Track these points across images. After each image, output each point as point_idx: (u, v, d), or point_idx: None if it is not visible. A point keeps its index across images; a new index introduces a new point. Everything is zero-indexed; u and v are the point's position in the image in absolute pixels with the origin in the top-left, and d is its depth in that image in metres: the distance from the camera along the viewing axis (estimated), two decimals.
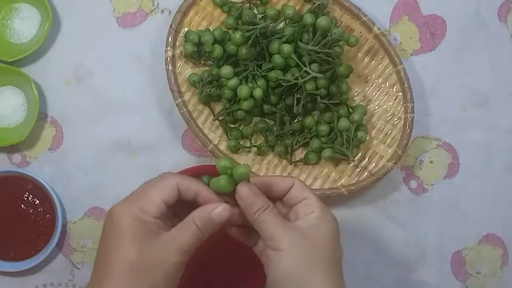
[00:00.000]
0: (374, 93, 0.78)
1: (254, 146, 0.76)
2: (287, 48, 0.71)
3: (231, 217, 0.56)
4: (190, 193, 0.57)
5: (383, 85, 0.78)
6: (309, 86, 0.72)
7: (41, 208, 0.77)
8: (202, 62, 0.77)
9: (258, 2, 0.77)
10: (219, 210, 0.55)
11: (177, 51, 0.76)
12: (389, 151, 0.76)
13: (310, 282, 0.54)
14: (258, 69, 0.73)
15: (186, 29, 0.76)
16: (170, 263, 0.53)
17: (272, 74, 0.72)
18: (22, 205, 0.77)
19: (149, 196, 0.55)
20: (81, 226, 0.79)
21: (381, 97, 0.78)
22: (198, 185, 0.57)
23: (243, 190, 0.56)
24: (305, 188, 0.59)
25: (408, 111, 0.76)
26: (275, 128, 0.76)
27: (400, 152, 0.75)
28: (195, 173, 0.74)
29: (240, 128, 0.76)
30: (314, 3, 0.74)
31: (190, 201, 0.57)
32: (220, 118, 0.76)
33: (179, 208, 0.57)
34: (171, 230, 0.55)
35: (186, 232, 0.55)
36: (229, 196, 0.58)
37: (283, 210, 0.60)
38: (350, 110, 0.76)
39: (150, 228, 0.54)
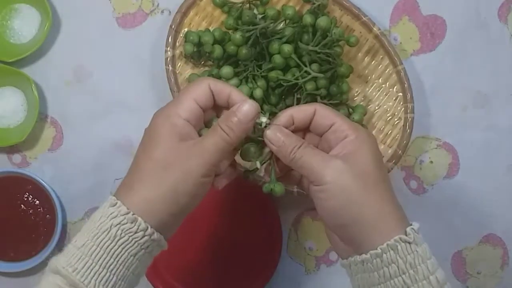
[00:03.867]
0: (374, 93, 0.78)
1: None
2: (287, 48, 0.71)
3: (256, 113, 0.53)
4: (222, 95, 0.54)
5: (383, 85, 0.78)
6: (309, 86, 0.71)
7: (41, 209, 0.77)
8: (202, 63, 0.77)
9: (258, 2, 0.77)
10: (244, 107, 0.53)
11: (177, 52, 0.76)
12: (389, 151, 0.76)
13: (363, 212, 0.51)
14: (258, 69, 0.73)
15: (186, 29, 0.76)
16: (192, 164, 0.52)
17: (272, 74, 0.72)
18: (22, 206, 0.77)
19: (181, 98, 0.54)
20: (81, 226, 0.77)
21: (381, 97, 0.78)
22: (231, 87, 0.55)
23: (271, 134, 0.54)
24: (329, 113, 0.55)
25: (408, 111, 0.76)
26: None
27: (400, 152, 0.75)
28: None
29: None
30: (314, 3, 0.74)
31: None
32: None
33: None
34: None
35: (211, 135, 0.53)
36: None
37: (315, 141, 0.57)
38: (350, 110, 0.76)
39: (178, 130, 0.53)
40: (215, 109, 0.57)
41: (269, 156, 0.58)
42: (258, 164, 0.57)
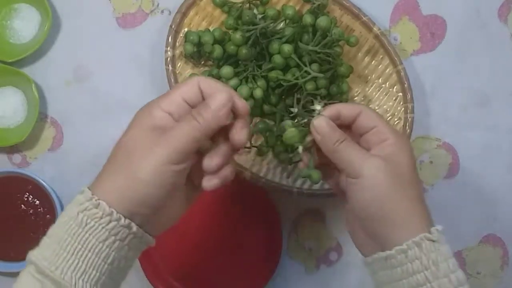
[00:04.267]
0: (374, 93, 0.78)
1: (254, 146, 0.76)
2: (287, 48, 0.71)
3: (228, 102, 0.52)
4: (211, 91, 0.53)
5: (383, 85, 0.78)
6: (310, 86, 0.71)
7: (41, 209, 0.77)
8: (202, 63, 0.77)
9: (258, 2, 0.77)
10: (216, 95, 0.52)
11: (177, 52, 0.76)
12: None
13: (393, 209, 0.54)
14: (258, 69, 0.73)
15: (186, 29, 0.76)
16: (153, 151, 0.50)
17: (272, 74, 0.72)
18: (22, 206, 0.77)
19: (167, 92, 0.54)
20: None
21: (381, 97, 0.78)
22: (220, 85, 0.53)
23: (320, 124, 0.57)
24: (373, 116, 0.58)
25: (408, 111, 0.76)
26: (275, 128, 0.76)
27: None
28: None
29: None
30: (314, 3, 0.74)
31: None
32: None
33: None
34: None
35: (181, 123, 0.51)
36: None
37: (354, 139, 0.58)
38: None
39: (153, 120, 0.52)
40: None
41: (311, 144, 0.59)
42: (300, 149, 0.59)
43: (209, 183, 0.53)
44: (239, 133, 0.53)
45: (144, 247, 0.54)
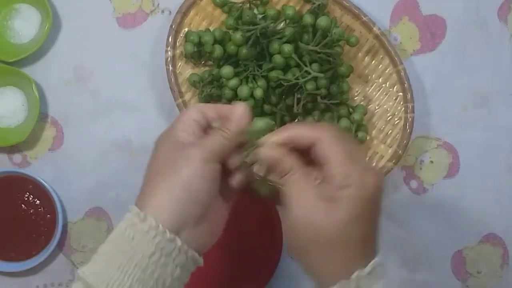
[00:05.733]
0: (374, 93, 0.78)
1: None
2: (287, 48, 0.71)
3: (248, 111, 0.55)
4: (211, 112, 0.56)
5: (383, 85, 0.78)
6: (310, 86, 0.72)
7: (42, 209, 0.77)
8: (203, 62, 0.77)
9: (258, 2, 0.77)
10: (237, 107, 0.55)
11: (178, 51, 0.76)
12: (390, 151, 0.76)
13: (309, 258, 0.54)
14: (259, 69, 0.73)
15: (186, 29, 0.76)
16: (190, 153, 0.52)
17: (273, 74, 0.72)
18: (23, 206, 0.77)
19: (177, 122, 0.56)
20: (81, 226, 0.79)
21: (381, 97, 0.78)
22: (217, 104, 0.58)
23: (265, 155, 0.54)
24: (326, 150, 0.52)
25: (408, 111, 0.76)
26: (275, 129, 0.76)
27: (400, 152, 0.76)
28: None
29: None
30: (314, 3, 0.74)
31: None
32: None
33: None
34: None
35: (209, 135, 0.54)
36: None
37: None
38: (351, 110, 0.76)
39: (178, 139, 0.54)
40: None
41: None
42: (260, 150, 0.57)
43: (236, 180, 0.56)
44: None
45: (192, 267, 0.54)
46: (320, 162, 0.52)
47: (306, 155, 0.54)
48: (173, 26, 0.75)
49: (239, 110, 0.55)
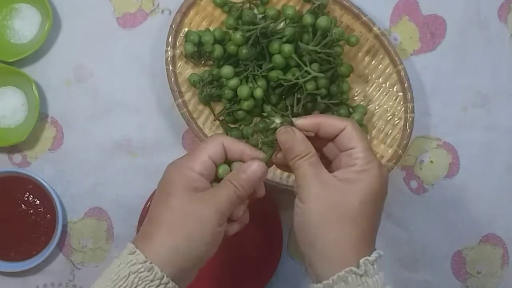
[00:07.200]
0: (374, 93, 0.78)
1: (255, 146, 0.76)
2: (287, 48, 0.71)
3: (265, 173, 0.57)
4: (235, 150, 0.57)
5: (383, 85, 0.78)
6: (310, 86, 0.72)
7: (42, 208, 0.77)
8: (203, 62, 0.77)
9: (258, 2, 0.77)
10: (254, 167, 0.56)
11: (178, 51, 0.76)
12: (390, 151, 0.76)
13: (320, 240, 0.53)
14: (259, 69, 0.73)
15: (186, 29, 0.76)
16: (208, 213, 0.54)
17: (273, 74, 0.72)
18: (23, 205, 0.77)
19: (194, 152, 0.57)
20: (81, 226, 0.79)
21: (381, 97, 0.78)
22: (243, 144, 0.58)
23: (281, 135, 0.56)
24: (354, 136, 0.55)
25: (409, 111, 0.76)
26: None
27: (400, 152, 0.76)
28: None
29: (241, 128, 0.76)
30: (314, 3, 0.74)
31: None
32: (221, 118, 0.76)
33: None
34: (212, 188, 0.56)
35: (223, 188, 0.55)
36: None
37: (334, 152, 0.58)
38: (351, 110, 0.76)
39: (194, 185, 0.55)
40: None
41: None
42: (277, 119, 0.61)
43: (232, 230, 0.59)
44: (261, 189, 0.59)
45: None
46: (344, 148, 0.55)
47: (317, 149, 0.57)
48: (173, 26, 0.75)
49: (254, 167, 0.56)
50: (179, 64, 0.76)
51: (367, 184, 0.54)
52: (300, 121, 0.57)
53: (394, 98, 0.78)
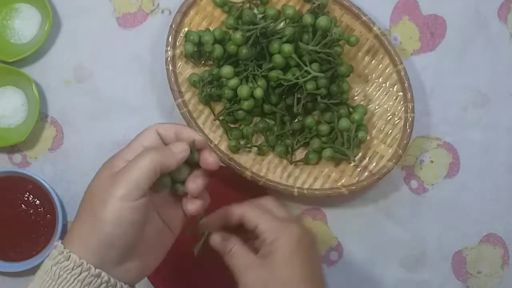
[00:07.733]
0: (374, 93, 0.78)
1: (255, 146, 0.76)
2: (287, 47, 0.71)
3: (187, 151, 0.55)
4: (170, 134, 0.57)
5: (383, 85, 0.78)
6: (310, 86, 0.72)
7: (42, 208, 0.77)
8: (203, 62, 0.77)
9: (258, 2, 0.77)
10: (179, 144, 0.55)
11: (178, 51, 0.76)
12: (390, 150, 0.76)
13: None
14: (259, 69, 0.73)
15: (186, 29, 0.76)
16: (109, 188, 0.52)
17: (273, 74, 0.72)
18: (23, 205, 0.77)
19: (130, 144, 0.56)
20: None
21: (381, 97, 0.78)
22: (178, 125, 0.57)
23: (213, 241, 0.61)
24: (254, 215, 0.60)
25: (409, 110, 0.76)
26: (275, 128, 0.76)
27: (400, 152, 0.76)
28: None
29: (241, 128, 0.76)
30: (314, 3, 0.74)
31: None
32: (221, 118, 0.76)
33: None
34: None
35: (138, 157, 0.53)
36: None
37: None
38: (351, 109, 0.76)
39: (115, 170, 0.54)
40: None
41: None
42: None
43: (193, 206, 0.57)
44: (211, 157, 0.57)
45: None
46: (252, 228, 0.60)
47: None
48: (173, 26, 0.75)
49: (180, 146, 0.55)
50: (179, 64, 0.76)
51: (282, 248, 0.58)
52: (208, 219, 0.61)
53: (394, 98, 0.78)
